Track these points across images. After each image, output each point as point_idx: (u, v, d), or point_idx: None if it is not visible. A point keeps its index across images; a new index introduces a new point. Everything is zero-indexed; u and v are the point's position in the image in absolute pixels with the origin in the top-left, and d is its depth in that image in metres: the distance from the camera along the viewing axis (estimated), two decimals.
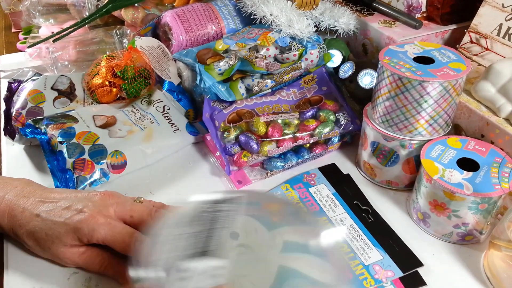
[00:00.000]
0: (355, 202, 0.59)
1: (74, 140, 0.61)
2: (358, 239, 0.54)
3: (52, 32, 0.86)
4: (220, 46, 0.71)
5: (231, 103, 0.67)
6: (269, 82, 0.69)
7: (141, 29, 0.81)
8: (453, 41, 0.75)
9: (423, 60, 0.57)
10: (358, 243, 0.53)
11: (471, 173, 0.52)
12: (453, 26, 0.75)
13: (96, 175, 0.59)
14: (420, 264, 0.52)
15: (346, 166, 0.67)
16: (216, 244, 0.37)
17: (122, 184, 0.63)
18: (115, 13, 0.91)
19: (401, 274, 0.51)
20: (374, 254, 0.52)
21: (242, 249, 0.39)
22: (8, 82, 0.72)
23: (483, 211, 0.51)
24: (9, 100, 0.70)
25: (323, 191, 0.60)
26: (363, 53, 0.81)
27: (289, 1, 0.74)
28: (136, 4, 0.89)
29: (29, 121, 0.63)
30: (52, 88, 0.70)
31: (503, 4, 0.66)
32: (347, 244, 0.53)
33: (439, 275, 0.51)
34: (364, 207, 0.58)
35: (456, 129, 0.63)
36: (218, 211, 0.41)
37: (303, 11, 0.76)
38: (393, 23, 0.77)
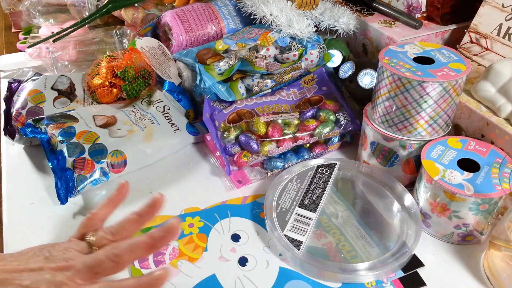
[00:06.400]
0: (356, 200, 0.59)
1: (74, 140, 0.60)
2: (360, 237, 0.54)
3: (52, 32, 0.86)
4: (220, 46, 0.71)
5: (231, 103, 0.67)
6: (269, 82, 0.69)
7: (141, 29, 0.81)
8: (453, 41, 0.75)
9: (423, 60, 0.57)
10: (360, 242, 0.53)
11: (471, 174, 0.52)
12: (453, 26, 0.75)
13: (96, 174, 0.59)
14: (420, 264, 0.52)
15: None
16: None
17: None
18: (115, 13, 0.91)
19: (402, 274, 0.51)
20: (375, 254, 0.52)
21: None
22: (8, 82, 0.72)
23: (484, 211, 0.51)
24: (9, 100, 0.70)
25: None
26: (363, 53, 0.81)
27: (289, 1, 0.74)
28: (136, 4, 0.89)
29: (29, 121, 0.63)
30: (52, 88, 0.70)
31: (503, 4, 0.66)
32: (348, 242, 0.53)
33: (439, 275, 0.51)
34: (366, 206, 0.58)
35: (456, 129, 0.63)
36: None
37: (303, 11, 0.76)
38: (393, 23, 0.77)
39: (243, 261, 0.52)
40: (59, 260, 0.44)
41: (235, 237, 0.55)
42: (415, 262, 0.52)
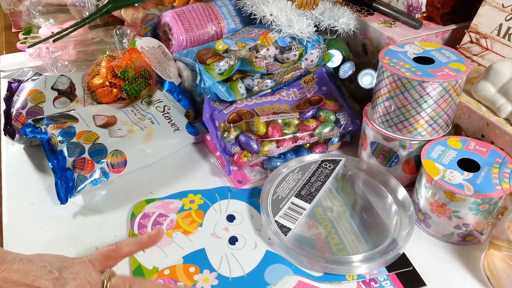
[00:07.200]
0: (355, 197, 0.60)
1: (74, 139, 0.60)
2: (351, 232, 0.54)
3: (52, 32, 0.86)
4: (220, 46, 0.71)
5: (231, 103, 0.67)
6: (269, 82, 0.69)
7: (141, 29, 0.81)
8: (453, 41, 0.75)
9: (423, 60, 0.57)
10: (350, 236, 0.54)
11: (471, 174, 0.52)
12: (453, 26, 0.75)
13: (96, 174, 0.59)
14: (408, 265, 0.52)
15: None
16: None
17: (122, 183, 0.63)
18: (115, 13, 0.91)
19: (386, 272, 0.51)
20: (362, 249, 0.52)
21: None
22: (8, 82, 0.72)
23: (484, 211, 0.51)
24: (9, 100, 0.70)
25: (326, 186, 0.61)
26: (363, 53, 0.81)
27: (289, 1, 0.74)
28: (136, 4, 0.89)
29: (29, 121, 0.63)
30: (52, 88, 0.70)
31: (503, 4, 0.66)
32: (338, 236, 0.54)
33: (439, 275, 0.51)
34: (363, 204, 0.58)
35: (456, 129, 0.63)
36: None
37: (303, 11, 0.76)
38: (393, 23, 0.77)
39: (233, 240, 0.55)
40: (65, 284, 0.43)
41: (230, 218, 0.58)
42: (403, 262, 0.52)
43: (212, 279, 0.50)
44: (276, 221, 0.55)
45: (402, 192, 0.58)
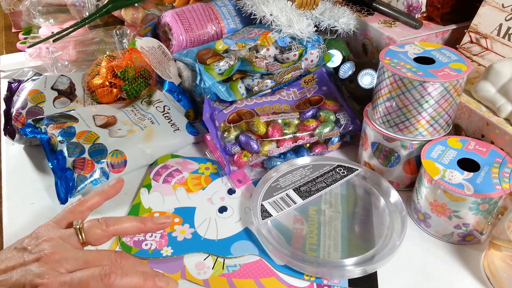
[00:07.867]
0: (355, 209, 0.58)
1: (74, 140, 0.60)
2: (332, 238, 0.54)
3: (52, 32, 0.85)
4: (220, 46, 0.71)
5: (231, 103, 0.67)
6: (269, 82, 0.69)
7: (141, 29, 0.81)
8: (453, 41, 0.75)
9: (424, 60, 0.57)
10: (328, 242, 0.53)
11: (471, 174, 0.52)
12: (453, 26, 0.75)
13: (96, 174, 0.59)
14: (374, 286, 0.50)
15: None
16: None
17: None
18: (115, 13, 0.91)
19: (346, 285, 0.50)
20: (332, 257, 0.51)
21: None
22: (8, 82, 0.72)
23: (484, 211, 0.51)
24: (9, 100, 0.70)
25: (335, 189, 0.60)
26: (363, 53, 0.81)
27: (289, 1, 0.74)
28: (136, 4, 0.89)
29: (29, 121, 0.63)
30: (52, 88, 0.70)
31: (503, 4, 0.66)
32: (317, 237, 0.54)
33: (439, 275, 0.51)
34: (361, 217, 0.57)
35: (456, 129, 0.63)
36: None
37: (303, 11, 0.76)
38: (393, 23, 0.77)
39: (222, 210, 0.59)
40: (38, 251, 0.43)
41: (231, 191, 0.62)
42: (370, 282, 0.50)
43: (188, 233, 0.55)
44: (261, 205, 0.56)
45: (404, 226, 0.55)
